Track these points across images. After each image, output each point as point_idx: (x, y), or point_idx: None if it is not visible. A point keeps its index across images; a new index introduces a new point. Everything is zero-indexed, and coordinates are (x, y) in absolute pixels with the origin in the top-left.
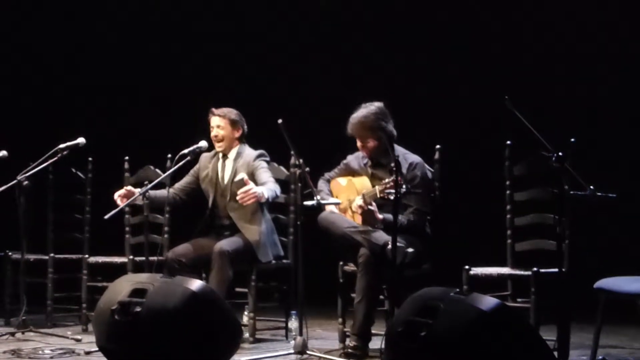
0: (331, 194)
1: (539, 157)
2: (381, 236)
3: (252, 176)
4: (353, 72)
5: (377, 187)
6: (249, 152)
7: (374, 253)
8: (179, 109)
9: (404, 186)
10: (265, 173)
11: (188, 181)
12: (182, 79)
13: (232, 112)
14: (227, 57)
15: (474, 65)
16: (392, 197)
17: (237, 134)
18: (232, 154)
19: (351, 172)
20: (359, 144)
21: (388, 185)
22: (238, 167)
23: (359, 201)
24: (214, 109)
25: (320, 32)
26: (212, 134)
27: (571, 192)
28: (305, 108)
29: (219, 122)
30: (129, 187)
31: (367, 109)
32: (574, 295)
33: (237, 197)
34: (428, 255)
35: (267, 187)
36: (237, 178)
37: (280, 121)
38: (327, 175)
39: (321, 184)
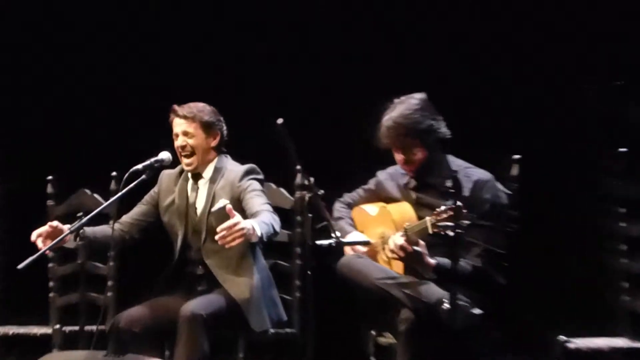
0: (355, 228)
1: None
2: (433, 291)
3: (239, 203)
4: (377, 60)
5: (427, 218)
6: (233, 168)
7: (422, 316)
8: (128, 106)
9: (466, 216)
10: (257, 198)
11: (142, 212)
12: (133, 68)
13: (204, 111)
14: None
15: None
16: (449, 233)
17: (214, 142)
18: (207, 172)
19: (384, 197)
20: (399, 157)
21: (444, 216)
22: (217, 190)
23: (398, 239)
24: (176, 107)
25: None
26: (177, 143)
27: None
28: (316, 106)
29: (185, 126)
30: (55, 223)
31: (406, 104)
32: None
33: (217, 237)
34: (501, 318)
35: (261, 220)
36: (217, 207)
37: (280, 121)
38: (347, 197)
39: (339, 210)
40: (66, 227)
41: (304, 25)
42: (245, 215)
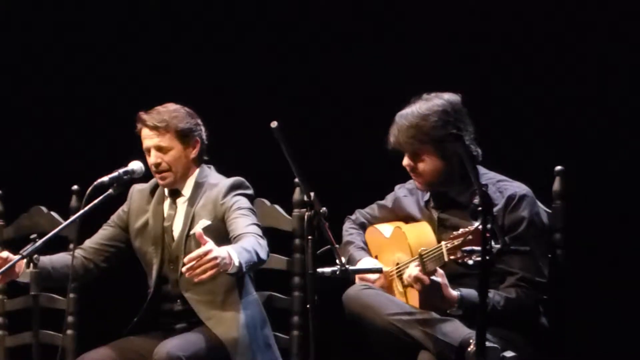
0: (368, 252)
1: None
2: (457, 330)
3: (223, 224)
4: (397, 57)
5: (443, 243)
6: (217, 182)
7: (444, 359)
8: (91, 108)
9: (494, 239)
10: (242, 219)
11: (109, 235)
12: (100, 64)
13: (178, 116)
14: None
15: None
16: (469, 261)
17: (194, 153)
18: (187, 189)
19: (402, 215)
20: (405, 162)
21: (465, 239)
22: (197, 209)
23: (413, 269)
24: (143, 115)
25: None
26: (150, 161)
27: None
28: (319, 106)
29: (157, 140)
30: (4, 254)
31: (429, 102)
32: None
33: (183, 269)
34: None
35: (241, 246)
36: (197, 229)
37: (275, 125)
38: (359, 215)
39: (349, 231)
40: (15, 257)
41: (307, 16)
42: (227, 239)
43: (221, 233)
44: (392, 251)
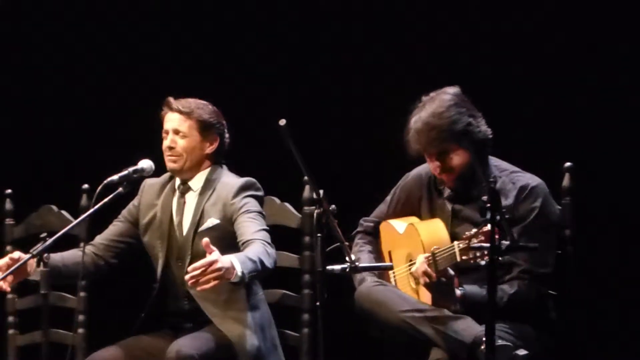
0: (379, 252)
1: None
2: (470, 328)
3: (231, 224)
4: (403, 52)
5: (455, 243)
6: (228, 181)
7: (456, 358)
8: (102, 107)
9: (503, 237)
10: (250, 223)
11: (119, 231)
12: (110, 63)
13: (204, 108)
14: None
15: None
16: (481, 262)
17: (210, 148)
18: (196, 183)
19: (417, 208)
20: (433, 165)
21: (476, 240)
22: (207, 206)
23: (422, 264)
24: (171, 99)
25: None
26: (165, 143)
27: None
28: (328, 105)
29: (178, 123)
30: (16, 254)
31: (438, 100)
32: None
33: (186, 277)
34: None
35: (246, 255)
36: (205, 227)
37: (282, 123)
38: (364, 223)
39: (357, 244)
40: (25, 256)
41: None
42: (235, 243)
43: (228, 233)
44: (405, 248)
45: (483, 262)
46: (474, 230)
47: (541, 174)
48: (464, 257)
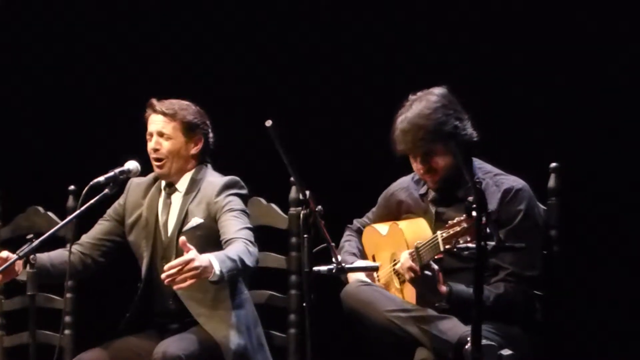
0: (360, 256)
1: None
2: (454, 327)
3: (215, 223)
4: (397, 53)
5: (438, 232)
6: (212, 180)
7: (442, 358)
8: (89, 107)
9: (489, 237)
10: (233, 221)
11: (106, 229)
12: (98, 64)
13: (187, 109)
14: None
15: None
16: (464, 252)
17: (195, 149)
18: (182, 184)
19: (399, 212)
20: (418, 166)
21: (458, 229)
22: (192, 207)
23: (406, 260)
24: (154, 101)
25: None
26: (150, 145)
27: None
28: (314, 105)
29: (162, 125)
30: (4, 254)
31: (425, 101)
32: None
33: (163, 275)
34: None
35: (225, 254)
36: (189, 226)
37: (269, 123)
38: (356, 222)
39: (344, 238)
40: (13, 256)
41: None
42: (218, 242)
43: (213, 231)
44: (389, 249)
45: (467, 252)
46: (457, 219)
47: (527, 174)
48: (447, 246)
